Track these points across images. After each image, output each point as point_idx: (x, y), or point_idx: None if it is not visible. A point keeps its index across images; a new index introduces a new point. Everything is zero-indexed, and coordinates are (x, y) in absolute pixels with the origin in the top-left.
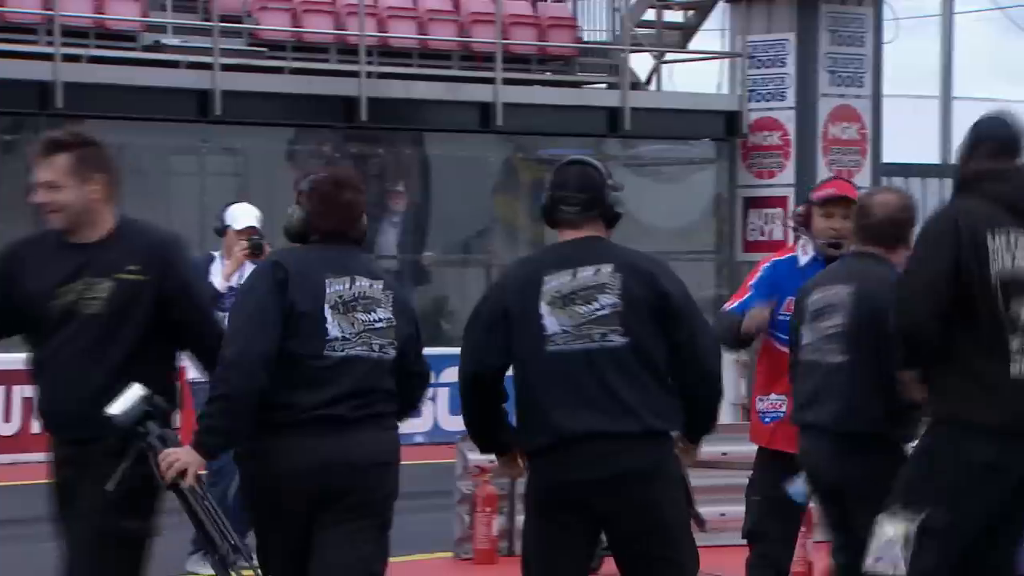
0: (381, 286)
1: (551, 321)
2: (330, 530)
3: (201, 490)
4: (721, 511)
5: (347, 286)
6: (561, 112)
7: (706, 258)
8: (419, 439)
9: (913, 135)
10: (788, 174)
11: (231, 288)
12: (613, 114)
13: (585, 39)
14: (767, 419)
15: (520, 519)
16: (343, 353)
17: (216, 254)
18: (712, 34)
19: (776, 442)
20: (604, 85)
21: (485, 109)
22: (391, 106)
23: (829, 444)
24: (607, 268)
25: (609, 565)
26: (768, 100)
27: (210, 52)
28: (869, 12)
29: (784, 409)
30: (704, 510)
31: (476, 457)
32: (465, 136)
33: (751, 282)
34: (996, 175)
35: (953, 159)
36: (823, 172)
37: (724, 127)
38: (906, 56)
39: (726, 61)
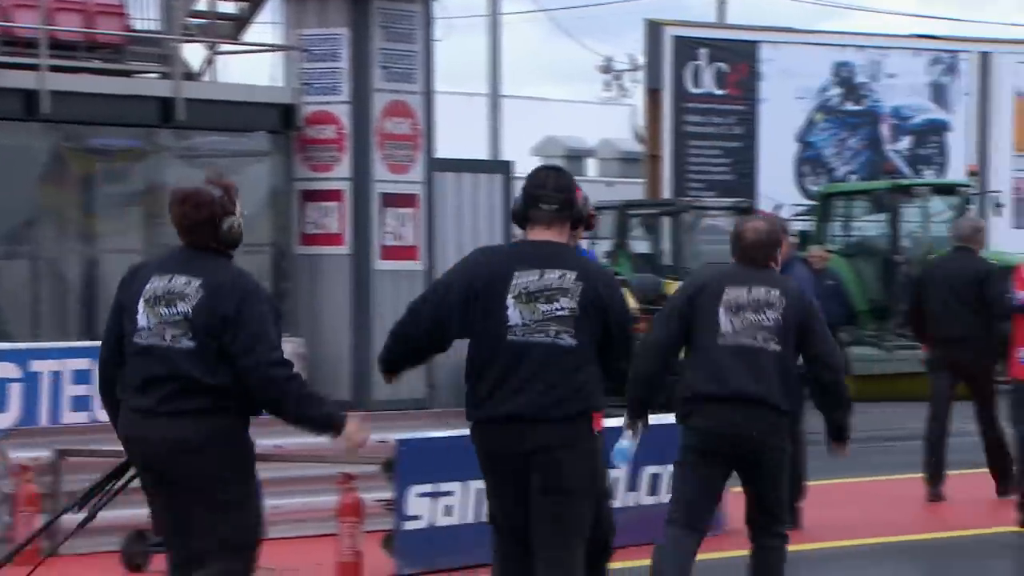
0: (198, 284)
1: (514, 313)
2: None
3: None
4: (274, 503)
5: (163, 283)
6: (111, 101)
7: (263, 251)
8: None
9: (464, 131)
10: (344, 167)
11: None
12: (166, 104)
13: (136, 27)
14: None
15: (65, 518)
16: (145, 342)
17: None
18: (266, 26)
19: None
20: (156, 75)
21: (30, 96)
22: None
23: (756, 413)
24: (571, 275)
25: (157, 563)
26: (323, 94)
27: None
28: (419, 9)
29: None
30: None
31: (19, 455)
32: (8, 124)
33: None
34: None
35: (502, 155)
36: (378, 166)
37: (279, 120)
38: (457, 54)
39: (280, 54)
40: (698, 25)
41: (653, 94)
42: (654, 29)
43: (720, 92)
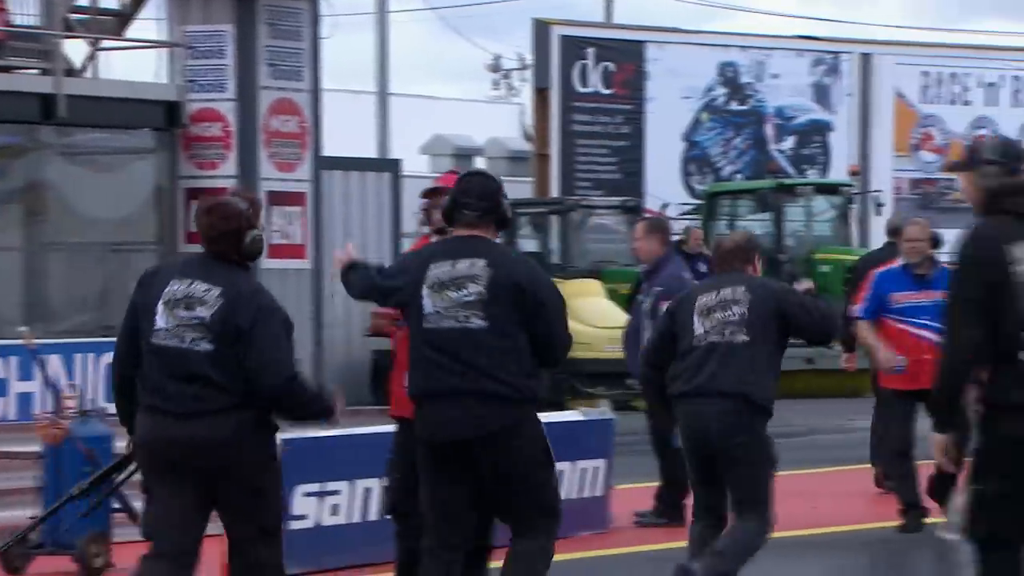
0: (217, 292)
1: (428, 302)
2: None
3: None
4: None
5: (183, 286)
6: None
7: (148, 249)
8: None
9: (352, 129)
10: (230, 165)
11: None
12: (47, 100)
13: (15, 22)
14: None
15: None
16: (162, 342)
17: None
18: (149, 22)
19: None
20: (37, 71)
21: None
22: None
23: (724, 406)
24: (481, 262)
25: (36, 565)
26: (208, 91)
27: None
28: (306, 7)
29: None
30: None
31: None
32: None
33: None
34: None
35: (390, 153)
36: (265, 164)
37: (164, 117)
38: (345, 52)
39: (165, 50)
40: (585, 25)
41: (541, 93)
42: (541, 28)
43: (607, 91)
